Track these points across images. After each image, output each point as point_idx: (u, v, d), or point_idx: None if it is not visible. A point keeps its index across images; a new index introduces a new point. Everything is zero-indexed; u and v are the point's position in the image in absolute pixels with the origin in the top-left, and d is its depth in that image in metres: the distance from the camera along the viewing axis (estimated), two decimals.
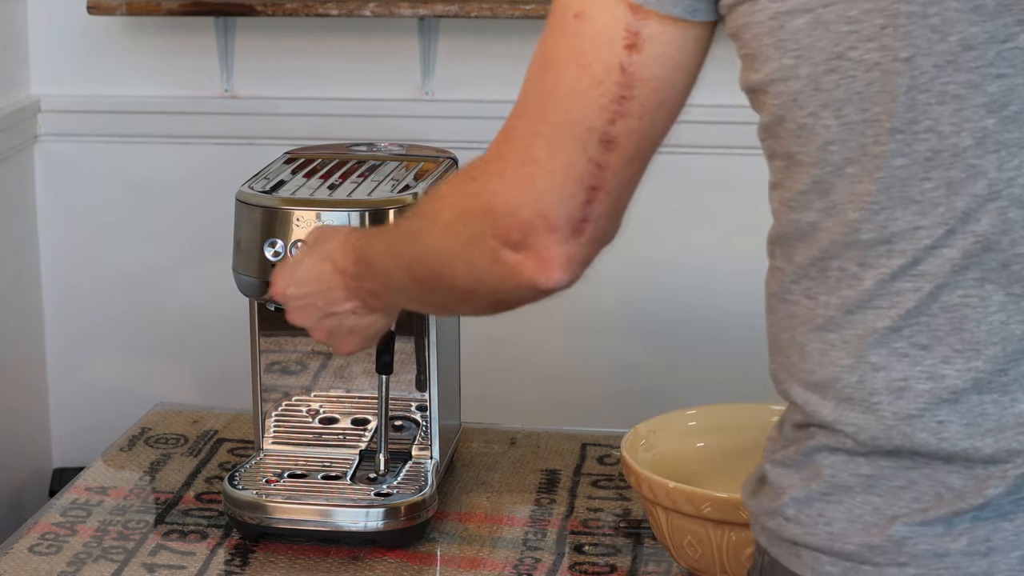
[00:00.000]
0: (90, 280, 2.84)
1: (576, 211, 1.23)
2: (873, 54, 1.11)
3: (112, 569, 1.72)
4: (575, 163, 1.21)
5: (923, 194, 1.11)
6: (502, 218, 1.24)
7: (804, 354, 1.18)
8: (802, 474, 1.19)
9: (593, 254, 1.27)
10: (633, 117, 1.20)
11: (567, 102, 1.20)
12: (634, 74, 1.18)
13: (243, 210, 1.77)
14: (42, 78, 2.80)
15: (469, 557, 1.75)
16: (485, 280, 1.30)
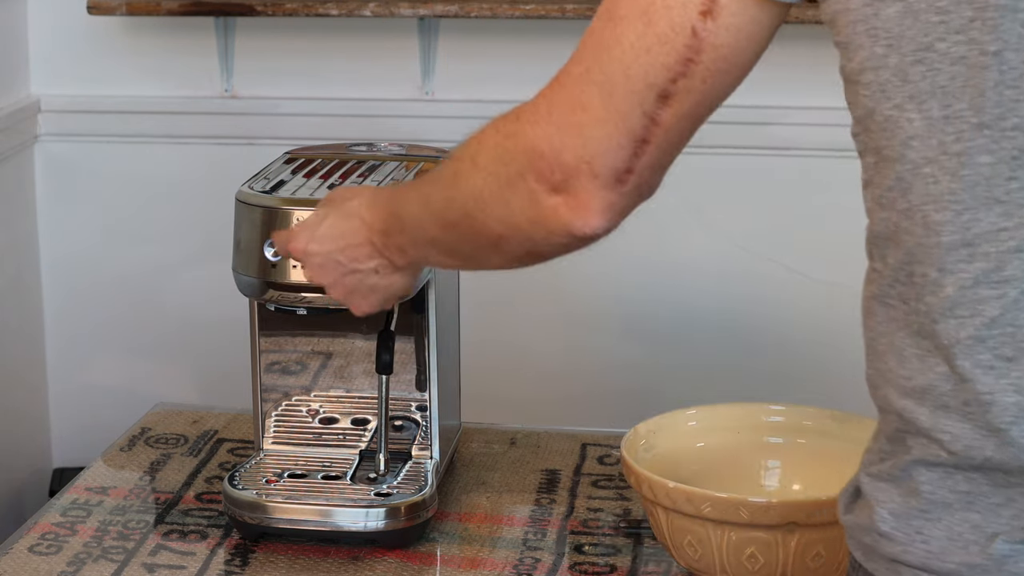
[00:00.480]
0: (90, 280, 2.84)
1: (622, 161, 1.22)
2: (960, 47, 1.08)
3: (112, 569, 1.72)
4: (628, 115, 1.20)
5: (1008, 194, 1.08)
6: (544, 159, 1.23)
7: (902, 359, 1.14)
8: (899, 489, 1.16)
9: (632, 206, 1.26)
10: (696, 79, 1.19)
11: (628, 56, 1.19)
12: (705, 39, 1.17)
13: (243, 210, 1.77)
14: (42, 78, 2.80)
15: (469, 557, 1.75)
16: (520, 225, 1.29)
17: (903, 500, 1.15)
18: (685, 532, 1.60)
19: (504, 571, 1.72)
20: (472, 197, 1.32)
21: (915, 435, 1.15)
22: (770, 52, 1.24)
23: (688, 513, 1.58)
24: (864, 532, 1.18)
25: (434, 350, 1.85)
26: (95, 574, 1.71)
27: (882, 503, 1.17)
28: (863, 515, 1.19)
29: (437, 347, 1.85)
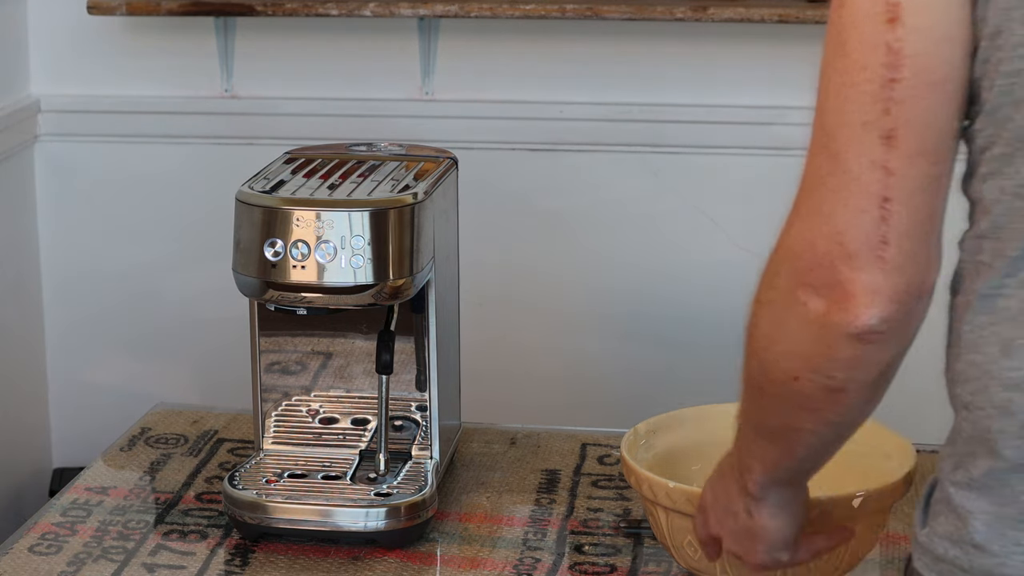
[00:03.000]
0: (90, 280, 2.84)
1: (871, 230, 1.12)
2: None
3: (112, 569, 1.72)
4: (859, 172, 1.12)
5: None
6: (802, 258, 1.15)
7: (1009, 350, 1.12)
8: (992, 497, 1.13)
9: (905, 290, 1.13)
10: (907, 102, 1.11)
11: (839, 100, 1.13)
12: (900, 51, 1.11)
13: (243, 210, 1.77)
14: (42, 78, 2.80)
15: (469, 557, 1.75)
16: (799, 352, 1.17)
17: (997, 509, 1.12)
18: (685, 532, 1.60)
19: (504, 571, 1.72)
20: (760, 339, 1.22)
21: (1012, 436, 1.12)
22: (770, 52, 1.24)
23: (688, 513, 1.58)
24: (951, 545, 1.14)
25: (434, 350, 1.85)
26: (95, 574, 1.71)
27: (974, 513, 1.13)
28: (948, 527, 1.15)
29: (437, 347, 1.85)
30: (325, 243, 1.72)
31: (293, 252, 1.73)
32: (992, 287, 1.14)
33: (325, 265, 1.72)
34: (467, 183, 2.07)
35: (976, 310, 1.14)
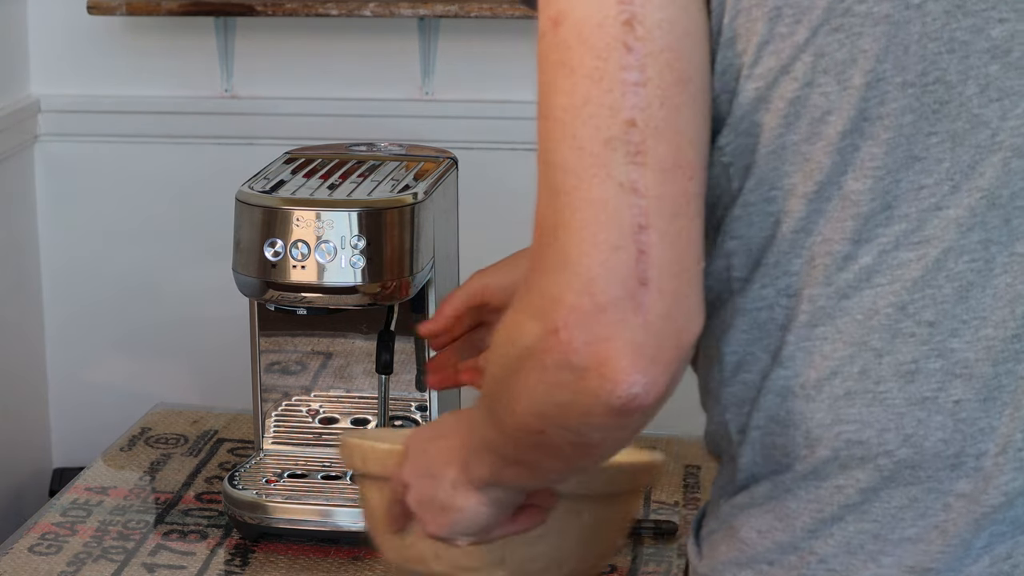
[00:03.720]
0: (90, 280, 2.84)
1: (628, 269, 0.98)
2: (883, 5, 1.04)
3: (112, 569, 1.72)
4: (605, 199, 0.98)
5: (927, 150, 1.05)
6: (547, 317, 1.00)
7: (781, 359, 1.07)
8: (778, 512, 1.09)
9: (671, 348, 1.00)
10: (655, 106, 0.99)
11: (569, 126, 1.00)
12: (641, 50, 0.99)
13: (243, 210, 1.77)
14: (42, 78, 2.80)
15: None
16: (548, 413, 1.03)
17: (788, 522, 1.09)
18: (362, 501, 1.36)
19: None
20: (500, 387, 1.07)
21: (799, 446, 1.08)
22: None
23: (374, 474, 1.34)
24: (739, 568, 1.10)
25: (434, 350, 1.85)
26: (95, 574, 1.71)
27: (762, 532, 1.10)
28: (732, 551, 1.11)
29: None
30: (325, 243, 1.72)
31: (293, 252, 1.73)
32: (750, 300, 1.09)
33: (325, 265, 1.72)
34: (467, 183, 2.07)
35: (737, 327, 1.09)
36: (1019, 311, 1.06)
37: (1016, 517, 1.07)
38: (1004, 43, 1.05)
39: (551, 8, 1.01)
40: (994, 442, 1.06)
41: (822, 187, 1.06)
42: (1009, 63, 1.05)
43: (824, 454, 1.08)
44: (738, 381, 1.10)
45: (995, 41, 1.05)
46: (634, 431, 1.04)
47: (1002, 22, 1.05)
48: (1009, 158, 1.06)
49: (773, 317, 1.08)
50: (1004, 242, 1.06)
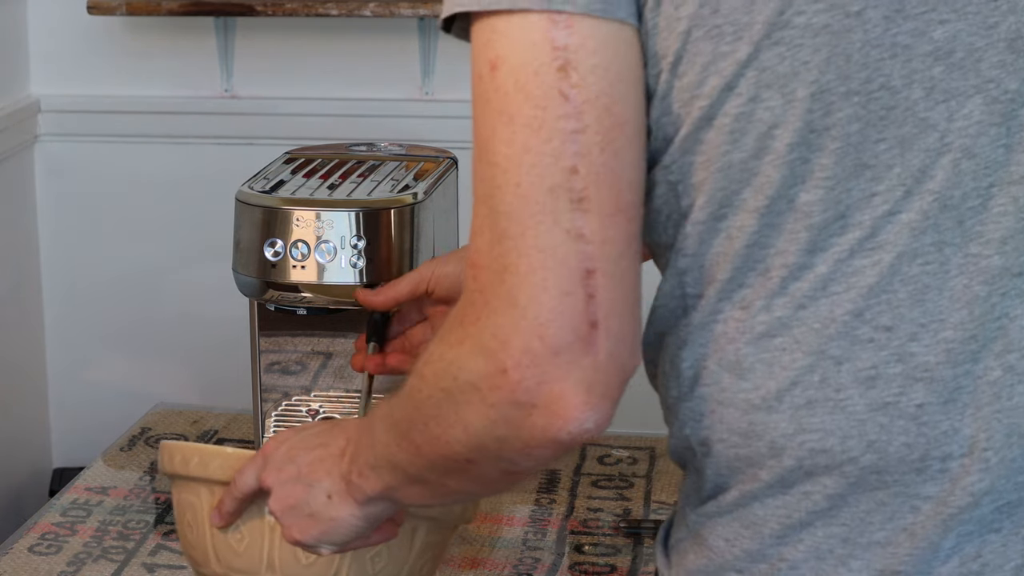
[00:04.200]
0: (90, 280, 2.84)
1: (578, 313, 1.01)
2: (822, 16, 1.04)
3: (112, 569, 1.72)
4: (553, 246, 1.01)
5: (877, 157, 1.05)
6: (495, 357, 1.02)
7: (743, 372, 1.08)
8: (744, 520, 1.10)
9: (617, 384, 1.04)
10: (595, 153, 1.01)
11: (511, 174, 1.01)
12: (577, 98, 1.01)
13: (243, 210, 1.77)
14: (42, 78, 2.80)
15: (469, 557, 1.75)
16: (485, 446, 1.06)
17: (755, 530, 1.09)
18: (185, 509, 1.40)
19: (504, 571, 1.72)
20: (427, 417, 1.09)
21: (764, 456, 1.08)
22: None
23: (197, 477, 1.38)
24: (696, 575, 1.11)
25: None
26: (95, 574, 1.71)
27: (730, 540, 1.10)
28: (700, 560, 1.12)
29: None
30: (325, 243, 1.72)
31: (293, 252, 1.73)
32: (706, 315, 1.09)
33: (325, 265, 1.72)
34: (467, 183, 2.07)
35: (694, 343, 1.09)
36: (976, 312, 1.06)
37: (983, 516, 1.07)
38: (946, 44, 1.05)
39: (488, 52, 1.05)
40: (958, 444, 1.07)
41: (773, 201, 1.06)
42: (953, 64, 1.05)
43: (789, 463, 1.08)
44: (696, 396, 1.11)
45: (937, 43, 1.05)
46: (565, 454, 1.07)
47: (943, 23, 1.05)
48: (959, 159, 1.06)
49: (727, 331, 1.09)
50: (958, 244, 1.06)
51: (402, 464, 1.15)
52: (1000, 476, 1.07)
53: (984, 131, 1.06)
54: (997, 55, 1.06)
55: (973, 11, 1.05)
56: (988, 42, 1.05)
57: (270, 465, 1.27)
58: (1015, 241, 1.06)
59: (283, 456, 1.26)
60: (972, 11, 1.05)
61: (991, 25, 1.05)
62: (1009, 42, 1.06)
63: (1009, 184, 1.06)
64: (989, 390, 1.06)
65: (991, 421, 1.06)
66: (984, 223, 1.06)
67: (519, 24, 1.02)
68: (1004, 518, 1.07)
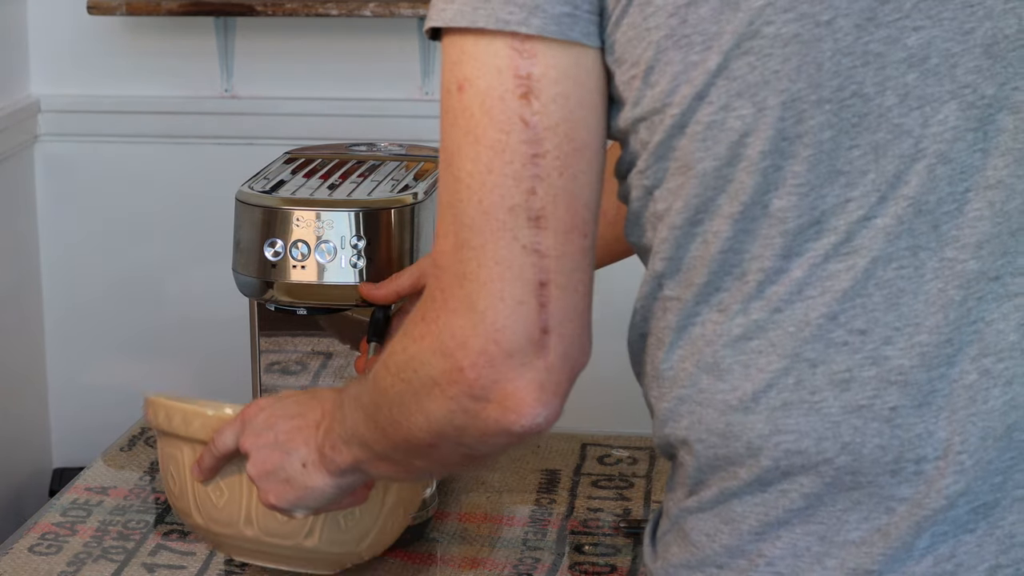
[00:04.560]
0: (90, 280, 2.84)
1: (531, 321, 1.07)
2: (791, 25, 1.05)
3: (112, 569, 1.72)
4: (510, 259, 1.07)
5: (851, 163, 1.06)
6: (453, 357, 1.09)
7: (720, 374, 1.10)
8: (724, 516, 1.12)
9: (567, 381, 1.10)
10: (553, 176, 1.07)
11: (475, 190, 1.07)
12: (539, 124, 1.06)
13: (243, 210, 1.77)
14: (42, 78, 2.80)
15: (469, 557, 1.75)
16: (446, 433, 1.14)
17: (735, 527, 1.11)
18: (168, 460, 1.50)
19: (504, 571, 1.72)
20: (391, 404, 1.17)
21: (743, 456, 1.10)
22: None
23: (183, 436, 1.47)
24: (690, 572, 1.13)
25: None
26: (95, 574, 1.71)
27: (711, 536, 1.12)
28: (683, 554, 1.14)
29: None
30: (325, 243, 1.72)
31: (293, 252, 1.73)
32: (685, 318, 1.11)
33: (325, 265, 1.72)
34: None
35: (672, 345, 1.12)
36: (951, 316, 1.07)
37: (958, 517, 1.08)
38: (920, 51, 1.06)
39: (457, 72, 1.08)
40: (932, 447, 1.08)
41: (747, 207, 1.08)
42: (927, 70, 1.06)
43: (766, 463, 1.10)
44: (676, 396, 1.13)
45: (911, 50, 1.06)
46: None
47: (917, 30, 1.06)
48: (934, 165, 1.07)
49: (705, 333, 1.11)
50: (933, 248, 1.07)
51: (369, 442, 1.23)
52: (976, 478, 1.08)
53: (960, 136, 1.07)
54: (973, 61, 1.06)
55: (949, 17, 1.06)
56: (964, 48, 1.06)
57: (249, 429, 1.35)
58: (991, 245, 1.07)
59: (262, 422, 1.34)
60: (948, 17, 1.06)
61: (967, 31, 1.06)
62: (986, 47, 1.06)
63: (985, 189, 1.07)
64: (965, 394, 1.07)
65: (966, 424, 1.07)
66: (960, 228, 1.07)
67: (485, 48, 1.07)
68: (979, 519, 1.08)
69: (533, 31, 1.06)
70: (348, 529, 1.48)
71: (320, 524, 1.45)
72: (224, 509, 1.47)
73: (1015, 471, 1.08)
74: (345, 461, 1.28)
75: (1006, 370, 1.08)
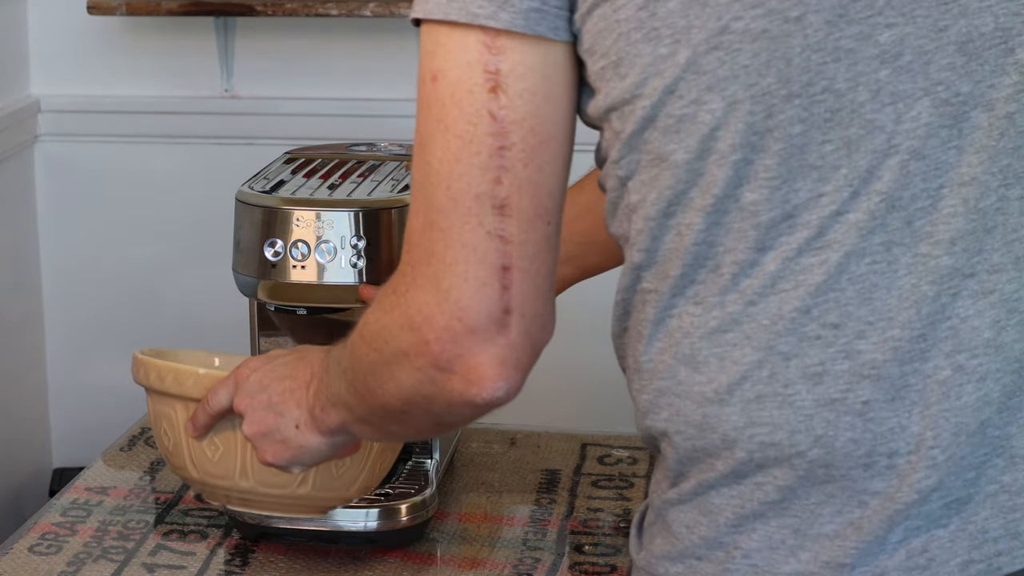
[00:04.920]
0: (90, 280, 2.84)
1: (493, 302, 1.11)
2: (760, 21, 1.06)
3: (112, 569, 1.72)
4: (475, 244, 1.11)
5: (823, 158, 1.07)
6: (419, 330, 1.13)
7: (697, 366, 1.12)
8: (703, 508, 1.13)
9: (528, 356, 1.15)
10: (518, 168, 1.10)
11: (444, 176, 1.11)
12: (505, 118, 1.10)
13: (243, 210, 1.77)
14: (42, 78, 2.80)
15: (469, 557, 1.75)
16: (416, 401, 1.18)
17: (712, 518, 1.12)
18: (161, 419, 1.53)
19: (504, 571, 1.72)
20: (366, 372, 1.22)
21: (719, 448, 1.11)
22: None
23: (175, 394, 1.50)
24: (671, 563, 1.15)
25: None
26: (95, 574, 1.71)
27: (691, 527, 1.14)
28: (665, 545, 1.15)
29: None
30: (325, 243, 1.72)
31: (293, 252, 1.73)
32: (662, 310, 1.13)
33: (325, 265, 1.72)
34: None
35: (651, 338, 1.14)
36: (924, 311, 1.08)
37: (931, 512, 1.09)
38: (893, 47, 1.07)
39: (432, 63, 1.15)
40: (905, 441, 1.09)
41: (719, 200, 1.09)
42: (900, 67, 1.07)
43: (741, 456, 1.11)
44: (655, 388, 1.14)
45: (884, 47, 1.06)
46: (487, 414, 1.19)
47: (890, 27, 1.06)
48: (907, 160, 1.07)
49: (682, 325, 1.12)
50: (907, 244, 1.08)
51: (351, 406, 1.28)
52: (948, 473, 1.09)
53: (934, 133, 1.07)
54: (947, 58, 1.07)
55: (923, 14, 1.07)
56: (938, 45, 1.07)
57: (243, 391, 1.40)
58: (965, 242, 1.08)
59: (255, 384, 1.39)
60: (921, 14, 1.07)
61: (941, 28, 1.07)
62: (960, 45, 1.07)
63: (960, 185, 1.08)
64: (938, 389, 1.08)
65: (939, 419, 1.08)
66: (934, 224, 1.08)
67: (459, 42, 1.12)
68: (952, 514, 1.09)
69: (501, 25, 1.09)
70: (339, 476, 1.53)
71: (313, 473, 1.50)
72: (219, 463, 1.50)
73: (988, 467, 1.09)
74: (333, 422, 1.32)
75: (980, 366, 1.08)
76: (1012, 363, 1.09)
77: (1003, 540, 1.10)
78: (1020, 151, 1.08)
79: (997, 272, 1.08)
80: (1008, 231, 1.08)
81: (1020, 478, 1.10)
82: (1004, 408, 1.09)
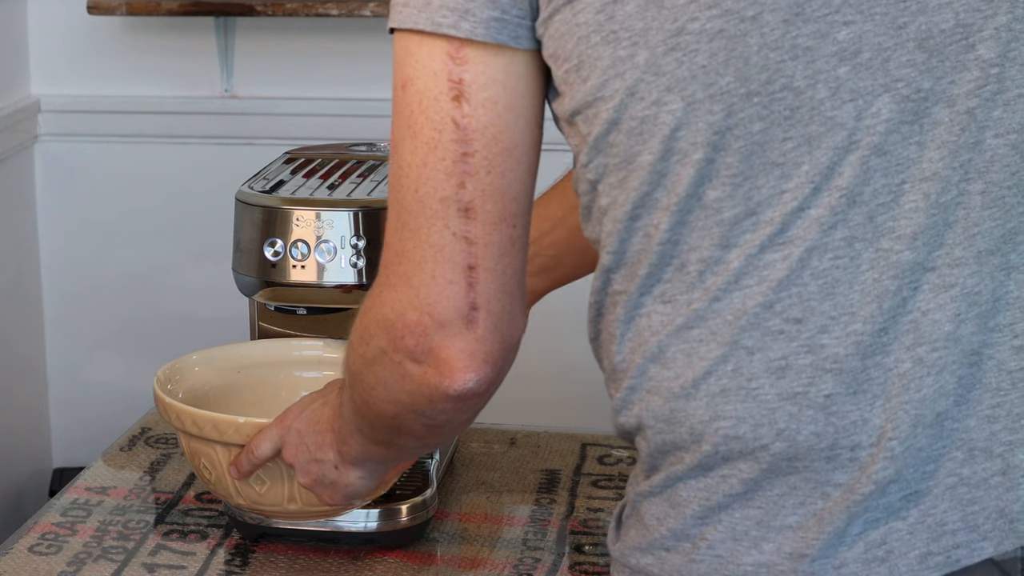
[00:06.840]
0: (90, 280, 2.84)
1: (460, 299, 1.16)
2: (716, 21, 1.08)
3: (112, 569, 1.72)
4: (442, 244, 1.15)
5: (784, 155, 1.09)
6: (394, 326, 1.18)
7: (664, 362, 1.14)
8: (672, 500, 1.16)
9: (498, 350, 1.18)
10: (481, 174, 1.14)
11: (412, 179, 1.15)
12: (468, 126, 1.13)
13: (243, 210, 1.77)
14: (42, 78, 2.80)
15: (469, 557, 1.75)
16: (402, 400, 1.23)
17: (680, 510, 1.15)
18: (200, 455, 1.59)
19: (504, 571, 1.72)
20: (360, 382, 1.27)
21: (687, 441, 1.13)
22: None
23: (213, 439, 1.57)
24: (642, 554, 1.17)
25: None
26: (95, 574, 1.71)
27: (660, 519, 1.16)
28: (637, 537, 1.18)
29: None
30: (325, 243, 1.72)
31: (293, 252, 1.73)
32: (631, 310, 1.15)
33: (325, 265, 1.72)
34: None
35: (622, 338, 1.16)
36: (886, 306, 1.09)
37: (889, 504, 1.11)
38: (852, 45, 1.08)
39: (402, 71, 1.16)
40: (867, 434, 1.10)
41: (683, 199, 1.11)
42: (859, 64, 1.08)
43: (707, 449, 1.13)
44: (627, 386, 1.17)
45: (842, 44, 1.08)
46: (474, 412, 1.23)
47: (847, 25, 1.08)
48: (867, 156, 1.09)
49: (651, 324, 1.14)
50: (869, 239, 1.09)
51: (361, 428, 1.33)
52: (906, 465, 1.10)
53: (895, 129, 1.08)
54: (907, 55, 1.08)
55: (881, 12, 1.08)
56: (897, 42, 1.08)
57: (287, 446, 1.47)
58: (926, 236, 1.09)
59: (295, 438, 1.46)
60: (879, 12, 1.08)
61: (900, 25, 1.08)
62: (919, 41, 1.08)
63: (921, 181, 1.09)
64: (899, 382, 1.10)
65: (898, 412, 1.09)
66: (896, 219, 1.09)
67: (427, 52, 1.14)
68: (911, 506, 1.11)
69: (463, 34, 1.12)
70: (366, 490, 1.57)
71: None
72: (267, 495, 1.56)
73: (946, 459, 1.11)
74: (355, 452, 1.38)
75: (939, 359, 1.10)
76: (969, 355, 1.10)
77: (961, 533, 1.11)
78: (981, 146, 1.09)
79: (958, 266, 1.10)
80: (969, 225, 1.10)
81: (979, 471, 1.11)
82: (962, 401, 1.11)
